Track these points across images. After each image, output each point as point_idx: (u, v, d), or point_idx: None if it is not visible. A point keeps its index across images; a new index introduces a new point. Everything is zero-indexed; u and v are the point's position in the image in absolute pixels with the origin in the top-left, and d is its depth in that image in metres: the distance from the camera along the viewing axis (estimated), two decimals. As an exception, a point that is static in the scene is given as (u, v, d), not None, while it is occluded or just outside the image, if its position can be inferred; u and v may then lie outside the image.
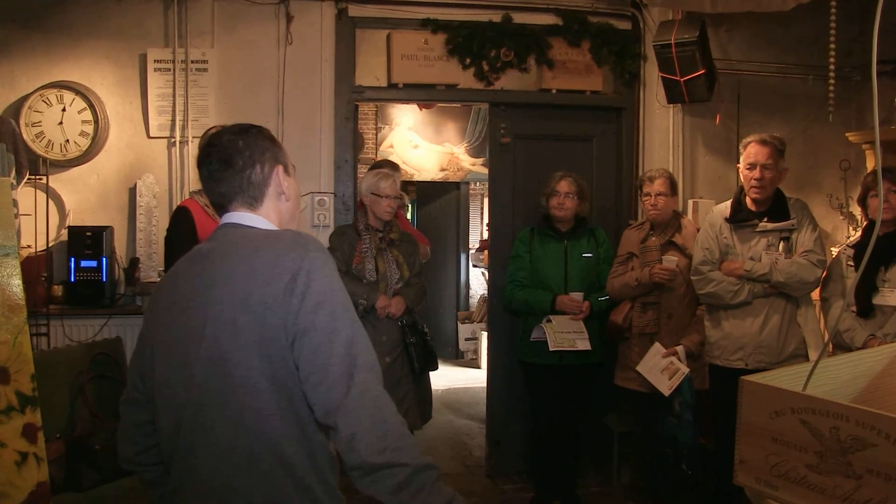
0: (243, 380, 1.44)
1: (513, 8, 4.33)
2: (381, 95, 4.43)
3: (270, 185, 1.61)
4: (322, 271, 1.46)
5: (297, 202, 1.69)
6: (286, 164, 1.65)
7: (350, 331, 1.43)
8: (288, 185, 1.64)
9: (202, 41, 4.06)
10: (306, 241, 1.51)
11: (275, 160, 1.62)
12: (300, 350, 1.42)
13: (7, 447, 1.93)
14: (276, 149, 1.64)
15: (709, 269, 3.38)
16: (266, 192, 1.61)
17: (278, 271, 1.44)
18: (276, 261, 1.46)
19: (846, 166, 4.65)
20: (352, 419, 1.37)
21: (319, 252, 1.49)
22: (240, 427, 1.45)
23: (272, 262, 1.46)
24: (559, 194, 3.82)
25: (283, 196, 1.63)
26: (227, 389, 1.45)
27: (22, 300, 1.99)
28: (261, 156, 1.60)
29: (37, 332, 3.61)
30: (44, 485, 1.98)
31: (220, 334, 1.45)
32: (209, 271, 1.52)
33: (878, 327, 3.12)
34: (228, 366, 1.44)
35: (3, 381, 1.94)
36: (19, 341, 1.97)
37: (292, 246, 1.48)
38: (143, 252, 3.96)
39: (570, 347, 3.68)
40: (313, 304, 1.42)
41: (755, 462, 1.45)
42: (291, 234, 1.53)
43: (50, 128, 3.89)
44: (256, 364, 1.43)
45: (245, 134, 1.62)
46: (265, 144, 1.62)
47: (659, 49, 4.01)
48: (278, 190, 1.62)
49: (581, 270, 3.85)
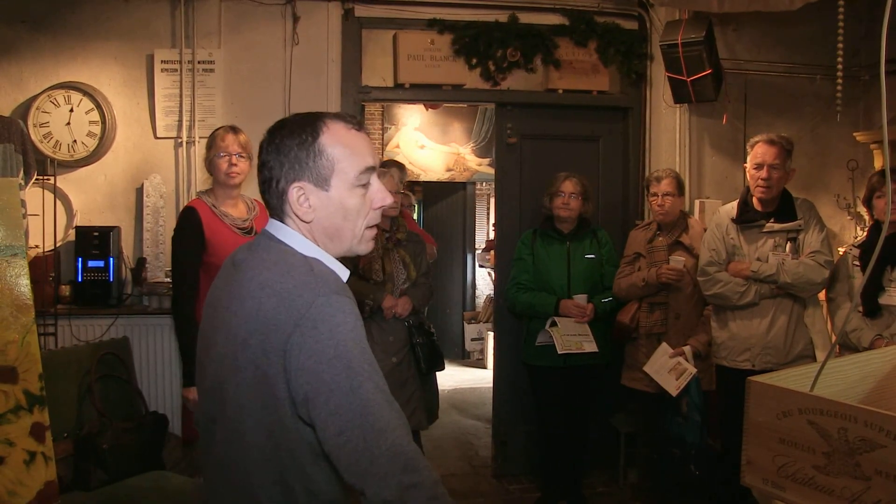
0: (232, 414, 1.38)
1: (519, 8, 4.32)
2: (387, 96, 4.43)
3: (286, 201, 1.43)
4: (330, 321, 1.30)
5: (335, 219, 1.44)
6: (323, 177, 1.41)
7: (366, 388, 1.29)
8: (314, 204, 1.42)
9: (209, 42, 4.07)
10: (318, 280, 1.35)
11: (294, 174, 1.40)
12: (315, 410, 1.30)
13: (15, 446, 1.94)
14: (301, 157, 1.40)
15: (715, 269, 3.37)
16: (284, 210, 1.44)
17: (282, 318, 1.31)
18: (280, 305, 1.32)
19: (854, 166, 4.64)
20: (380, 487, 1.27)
21: (330, 295, 1.32)
22: (228, 448, 1.41)
23: (276, 305, 1.32)
24: (564, 195, 3.81)
25: (299, 218, 1.43)
26: (221, 411, 1.41)
27: (30, 300, 1.99)
28: (279, 168, 1.42)
29: (44, 332, 3.63)
30: (52, 484, 1.99)
31: (225, 358, 1.39)
32: (235, 285, 1.41)
33: (884, 327, 3.11)
34: (224, 393, 1.39)
35: (12, 380, 1.94)
36: (27, 341, 1.98)
37: (300, 288, 1.33)
38: (151, 252, 3.98)
39: (578, 350, 3.68)
40: (322, 362, 1.29)
41: (762, 463, 1.44)
42: (304, 271, 1.36)
43: (58, 128, 3.91)
44: (246, 403, 1.35)
45: (273, 134, 1.45)
46: (287, 152, 1.41)
47: (666, 49, 4.00)
48: (294, 211, 1.42)
49: (584, 272, 3.85)
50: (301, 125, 1.42)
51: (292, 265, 1.38)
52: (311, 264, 1.39)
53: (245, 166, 3.10)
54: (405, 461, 1.28)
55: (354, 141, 1.44)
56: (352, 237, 1.46)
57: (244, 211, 3.16)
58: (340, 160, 1.41)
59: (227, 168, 3.03)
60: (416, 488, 1.27)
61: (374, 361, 1.34)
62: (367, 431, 1.27)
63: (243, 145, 3.09)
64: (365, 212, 1.46)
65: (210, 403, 1.45)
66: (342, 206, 1.43)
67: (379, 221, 1.51)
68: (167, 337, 3.90)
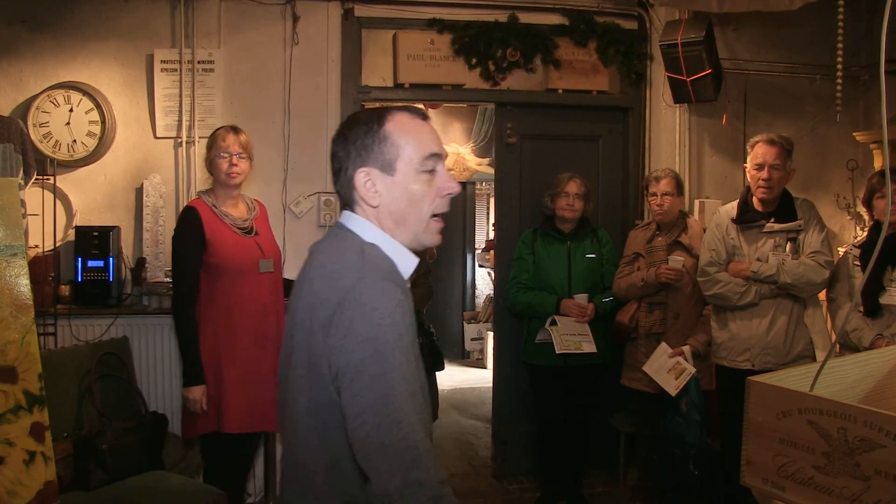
0: (291, 396, 1.44)
1: (519, 8, 4.32)
2: (387, 95, 4.43)
3: (354, 188, 1.47)
4: (370, 303, 1.32)
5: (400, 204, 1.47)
6: (388, 161, 1.45)
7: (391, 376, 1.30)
8: (380, 189, 1.46)
9: (209, 42, 4.07)
10: (365, 263, 1.39)
11: (360, 160, 1.46)
12: (342, 389, 1.33)
13: (15, 446, 1.93)
14: (368, 144, 1.45)
15: (715, 270, 3.37)
16: (353, 198, 1.49)
17: (328, 297, 1.36)
18: (329, 284, 1.38)
19: (854, 166, 4.64)
20: (384, 479, 1.28)
21: (375, 278, 1.36)
22: (290, 433, 1.47)
23: (326, 285, 1.38)
24: (569, 195, 3.81)
25: (366, 202, 1.47)
26: (284, 395, 1.49)
27: (30, 300, 1.99)
28: (346, 156, 1.47)
29: (44, 332, 3.62)
30: (51, 484, 1.99)
31: (290, 339, 1.47)
32: (303, 271, 1.49)
33: (885, 327, 3.11)
34: (287, 376, 1.47)
35: (11, 380, 1.94)
36: (27, 341, 1.98)
37: (347, 269, 1.38)
38: (150, 252, 3.97)
39: (576, 349, 3.68)
40: (354, 342, 1.32)
41: (762, 463, 1.44)
42: (355, 254, 1.41)
43: (57, 128, 3.91)
44: (301, 384, 1.41)
45: (344, 127, 1.51)
46: (354, 140, 1.47)
47: (665, 49, 4.00)
48: (361, 196, 1.47)
49: (585, 271, 3.85)
50: (368, 115, 1.49)
51: (346, 248, 1.44)
52: (364, 248, 1.43)
53: (245, 166, 3.10)
54: (414, 457, 1.27)
55: (419, 128, 1.48)
56: (417, 223, 1.49)
57: (244, 211, 3.17)
58: (405, 146, 1.46)
59: (227, 168, 3.03)
60: (419, 486, 1.27)
61: (409, 351, 1.35)
62: (383, 420, 1.28)
63: (244, 145, 3.09)
64: (430, 198, 1.49)
65: (280, 389, 1.52)
66: (407, 190, 1.46)
67: (446, 210, 1.53)
68: (167, 337, 3.90)
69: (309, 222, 4.18)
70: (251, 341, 3.02)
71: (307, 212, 4.17)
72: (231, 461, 3.14)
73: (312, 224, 4.18)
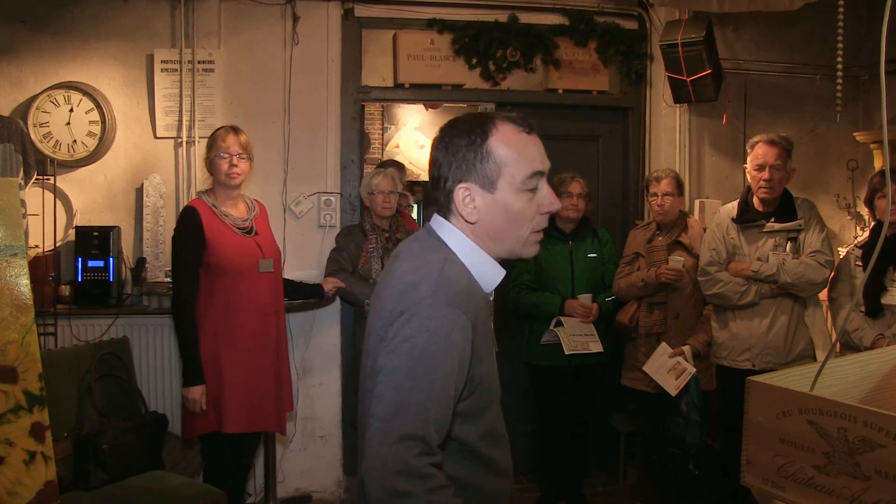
0: (363, 395, 1.46)
1: (519, 8, 4.32)
2: (387, 95, 4.43)
3: (452, 200, 1.45)
4: (426, 323, 1.33)
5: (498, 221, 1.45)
6: (489, 179, 1.42)
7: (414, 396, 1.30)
8: (479, 205, 1.43)
9: (209, 42, 4.07)
10: (439, 283, 1.37)
11: (461, 174, 1.43)
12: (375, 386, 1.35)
13: (15, 446, 1.94)
14: (470, 158, 1.42)
15: (716, 269, 3.38)
16: (450, 209, 1.47)
17: (396, 305, 1.37)
18: (400, 294, 1.39)
19: (854, 166, 4.64)
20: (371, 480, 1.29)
21: (440, 300, 1.35)
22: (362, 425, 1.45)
23: (397, 294, 1.39)
24: (572, 195, 3.81)
25: (464, 219, 1.45)
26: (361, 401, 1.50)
27: (30, 300, 2.00)
28: (447, 166, 1.45)
29: (44, 332, 3.62)
30: (52, 484, 1.99)
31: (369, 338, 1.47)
32: (389, 274, 1.48)
33: (886, 327, 3.11)
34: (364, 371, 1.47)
35: (12, 380, 1.94)
36: (27, 341, 1.98)
37: (420, 285, 1.37)
38: (150, 252, 3.97)
39: (584, 350, 3.68)
40: (399, 351, 1.33)
41: (762, 463, 1.44)
42: (434, 270, 1.39)
43: (57, 128, 3.91)
44: (369, 386, 1.40)
45: (444, 132, 1.49)
46: (456, 152, 1.44)
47: (665, 49, 4.00)
48: (459, 211, 1.45)
49: (587, 271, 3.85)
50: (471, 125, 1.45)
51: (428, 262, 1.42)
52: (445, 266, 1.41)
53: (245, 167, 3.10)
54: (402, 467, 1.27)
55: (524, 144, 1.45)
56: (515, 240, 1.47)
57: (244, 211, 3.17)
58: (508, 164, 1.43)
59: (227, 168, 3.03)
60: (405, 497, 1.26)
61: (448, 379, 1.33)
62: (386, 426, 1.29)
63: (244, 146, 3.09)
64: (530, 216, 1.46)
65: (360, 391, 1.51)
66: (507, 209, 1.44)
67: (545, 226, 1.51)
68: (167, 337, 3.90)
69: (309, 222, 4.18)
70: (251, 341, 3.02)
71: (307, 212, 4.17)
72: (231, 461, 3.14)
73: (312, 224, 4.18)
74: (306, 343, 4.15)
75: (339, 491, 4.26)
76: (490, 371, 1.46)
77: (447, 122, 1.52)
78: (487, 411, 1.47)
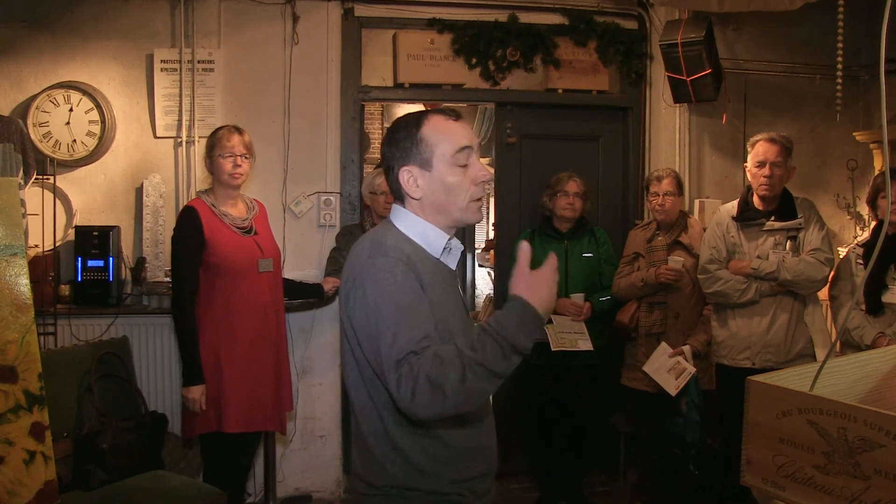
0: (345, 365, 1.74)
1: (519, 7, 4.32)
2: (387, 95, 4.43)
3: (400, 185, 1.70)
4: (373, 279, 1.58)
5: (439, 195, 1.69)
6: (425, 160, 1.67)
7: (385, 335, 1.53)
8: (421, 184, 1.68)
9: (209, 41, 4.07)
10: (375, 245, 1.64)
11: (403, 160, 1.68)
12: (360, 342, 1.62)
13: (15, 446, 1.94)
14: (407, 146, 1.67)
15: (716, 267, 3.38)
16: (401, 192, 1.72)
17: (348, 275, 1.66)
18: (349, 265, 1.68)
19: (854, 166, 4.64)
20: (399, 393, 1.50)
21: (377, 257, 1.61)
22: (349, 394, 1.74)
23: (348, 265, 1.69)
24: (569, 195, 3.81)
25: (410, 196, 1.70)
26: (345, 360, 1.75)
27: (30, 299, 1.99)
28: (392, 157, 1.70)
29: (44, 332, 3.62)
30: (51, 483, 1.99)
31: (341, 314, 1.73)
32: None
33: (887, 325, 3.11)
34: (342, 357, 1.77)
35: (12, 380, 1.94)
36: (27, 340, 1.98)
37: (362, 251, 1.65)
38: (150, 252, 3.97)
39: (572, 348, 3.68)
40: (360, 314, 1.60)
41: (762, 462, 1.44)
42: (375, 240, 1.66)
43: (57, 128, 3.91)
44: (347, 359, 1.71)
45: (390, 131, 1.72)
46: (397, 143, 1.69)
47: (665, 48, 4.00)
48: (405, 190, 1.70)
49: (582, 271, 3.85)
50: (408, 121, 1.71)
51: (372, 234, 1.71)
52: (385, 235, 1.67)
53: (248, 167, 3.10)
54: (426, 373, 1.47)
55: (451, 128, 1.69)
56: (457, 208, 1.70)
57: (244, 210, 3.16)
58: (438, 144, 1.67)
59: (231, 168, 3.03)
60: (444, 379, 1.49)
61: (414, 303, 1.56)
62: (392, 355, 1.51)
63: (248, 146, 3.10)
64: (466, 187, 1.69)
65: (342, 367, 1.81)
66: (444, 183, 1.68)
67: (483, 195, 1.73)
68: (167, 336, 3.90)
69: (308, 222, 4.18)
70: (251, 341, 3.02)
71: (307, 211, 4.17)
72: (231, 461, 3.14)
73: (312, 224, 4.18)
74: (306, 343, 4.14)
75: (339, 490, 4.26)
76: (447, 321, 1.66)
77: (393, 121, 1.77)
78: None
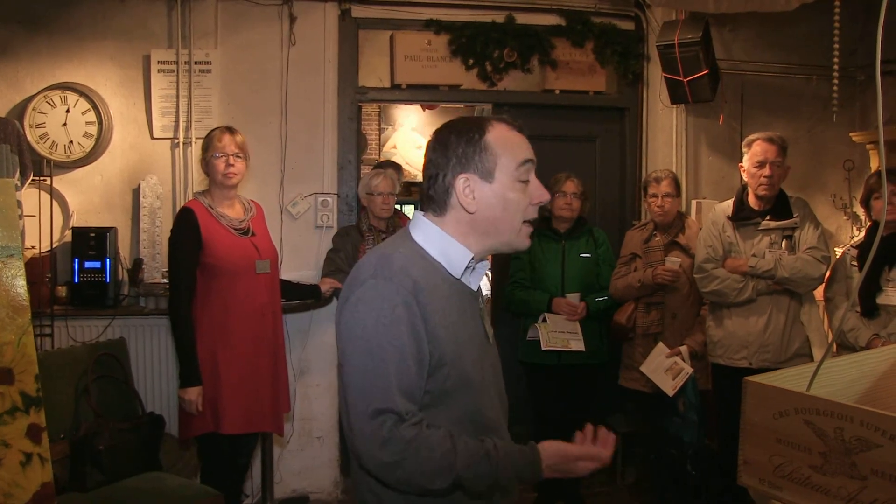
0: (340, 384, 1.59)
1: (516, 8, 4.32)
2: (384, 96, 4.43)
3: (452, 195, 1.54)
4: (369, 303, 1.45)
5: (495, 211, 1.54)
6: (487, 170, 1.52)
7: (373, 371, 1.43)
8: (478, 196, 1.52)
9: (206, 42, 4.07)
10: (379, 264, 1.49)
11: (461, 167, 1.52)
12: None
13: (11, 448, 1.93)
14: (468, 153, 1.52)
15: (713, 266, 3.38)
16: (448, 203, 1.55)
17: (346, 292, 1.52)
18: (354, 275, 1.53)
19: (850, 166, 4.64)
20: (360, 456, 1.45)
21: (378, 279, 1.46)
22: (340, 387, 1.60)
23: (353, 275, 1.53)
24: (567, 195, 3.82)
25: (464, 209, 1.53)
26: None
27: (26, 301, 1.99)
28: (445, 163, 1.54)
29: (41, 333, 3.62)
30: (48, 485, 1.98)
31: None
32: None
33: (882, 327, 3.11)
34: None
35: (8, 381, 1.94)
36: (23, 342, 1.97)
37: (363, 268, 1.51)
38: (147, 253, 3.97)
39: (563, 347, 3.68)
40: (347, 331, 1.47)
41: (759, 463, 1.44)
42: (380, 255, 1.52)
43: (54, 129, 3.90)
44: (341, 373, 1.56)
45: (438, 134, 1.58)
46: (454, 149, 1.53)
47: (662, 49, 4.00)
48: (460, 201, 1.53)
49: (579, 271, 3.85)
50: (469, 125, 1.57)
51: (383, 247, 1.58)
52: (396, 250, 1.52)
53: (242, 167, 3.09)
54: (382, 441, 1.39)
55: (515, 139, 1.57)
56: (510, 230, 1.56)
57: (241, 211, 3.16)
58: (503, 154, 1.53)
59: (224, 168, 3.03)
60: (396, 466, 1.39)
61: (403, 350, 1.43)
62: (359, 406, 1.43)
63: (240, 146, 3.09)
64: (523, 206, 1.56)
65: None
66: (504, 198, 1.53)
67: (535, 217, 1.60)
68: (164, 338, 3.89)
69: (306, 223, 4.17)
70: (248, 342, 3.02)
71: (304, 212, 4.16)
72: (228, 462, 3.14)
73: (309, 225, 4.18)
74: (303, 344, 4.14)
75: (337, 491, 4.26)
76: (460, 355, 1.51)
77: (442, 125, 1.60)
78: (460, 396, 1.52)
